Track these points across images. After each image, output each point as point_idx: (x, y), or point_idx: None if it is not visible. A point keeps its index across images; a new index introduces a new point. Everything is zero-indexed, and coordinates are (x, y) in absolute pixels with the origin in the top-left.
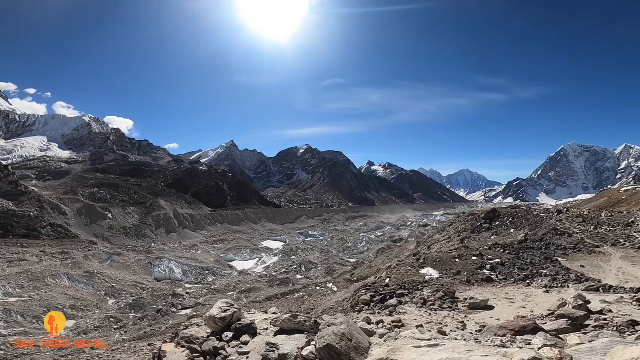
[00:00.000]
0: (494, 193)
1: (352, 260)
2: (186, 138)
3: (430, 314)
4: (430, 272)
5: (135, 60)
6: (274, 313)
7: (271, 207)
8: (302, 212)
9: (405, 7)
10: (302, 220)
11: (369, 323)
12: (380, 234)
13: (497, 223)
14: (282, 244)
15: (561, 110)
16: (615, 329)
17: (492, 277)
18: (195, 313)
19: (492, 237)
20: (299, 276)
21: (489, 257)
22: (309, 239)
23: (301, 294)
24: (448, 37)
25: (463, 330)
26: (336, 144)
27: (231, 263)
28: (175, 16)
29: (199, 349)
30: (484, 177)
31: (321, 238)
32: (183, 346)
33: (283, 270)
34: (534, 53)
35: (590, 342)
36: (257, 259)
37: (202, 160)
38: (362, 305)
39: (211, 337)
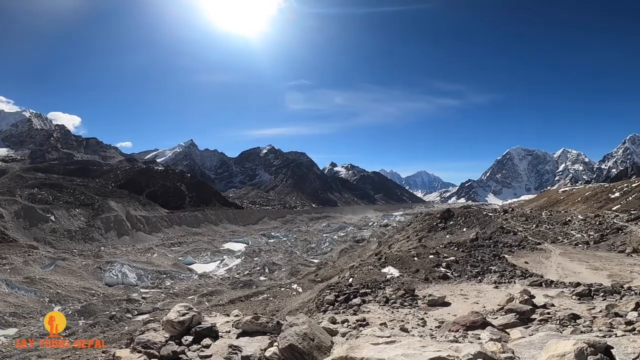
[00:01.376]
0: (448, 194)
1: (315, 260)
2: (141, 136)
3: (392, 312)
4: (391, 271)
5: (85, 55)
6: (236, 315)
7: (233, 208)
8: (264, 213)
9: (371, 9)
10: (264, 221)
11: (334, 323)
12: (343, 234)
13: (451, 222)
14: (245, 245)
15: (508, 115)
16: (558, 322)
17: (448, 274)
18: (151, 318)
19: (447, 236)
20: (262, 278)
21: (445, 255)
22: (272, 240)
23: (265, 295)
24: (410, 42)
25: (424, 326)
26: (300, 144)
27: (191, 266)
28: (131, 9)
29: (156, 353)
30: (440, 179)
31: (284, 239)
32: (139, 351)
33: (246, 272)
34: (487, 60)
35: (530, 335)
36: (219, 261)
37: (158, 160)
38: (327, 305)
39: (170, 342)
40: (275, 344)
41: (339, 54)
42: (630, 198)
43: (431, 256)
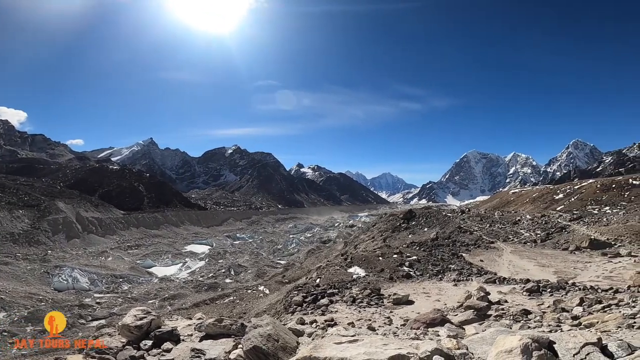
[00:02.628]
0: (411, 195)
1: (282, 262)
2: (94, 134)
3: (359, 311)
4: (357, 271)
5: (33, 47)
6: (199, 319)
7: (195, 209)
8: (229, 214)
9: (343, 7)
10: (229, 222)
11: (303, 323)
12: (310, 235)
13: (413, 223)
14: (209, 247)
15: (466, 119)
16: (512, 318)
17: (411, 273)
18: (106, 323)
19: (410, 236)
20: (228, 280)
21: (407, 254)
22: (237, 242)
23: (232, 298)
24: (379, 44)
25: (390, 325)
26: (266, 145)
27: (150, 269)
28: (91, 2)
29: (112, 359)
30: (403, 180)
31: (250, 240)
32: (93, 357)
33: (210, 274)
34: (447, 65)
35: (482, 331)
36: (181, 264)
37: (114, 159)
38: (295, 307)
39: (127, 347)
40: (240, 346)
41: (307, 56)
42: (572, 199)
43: (395, 256)
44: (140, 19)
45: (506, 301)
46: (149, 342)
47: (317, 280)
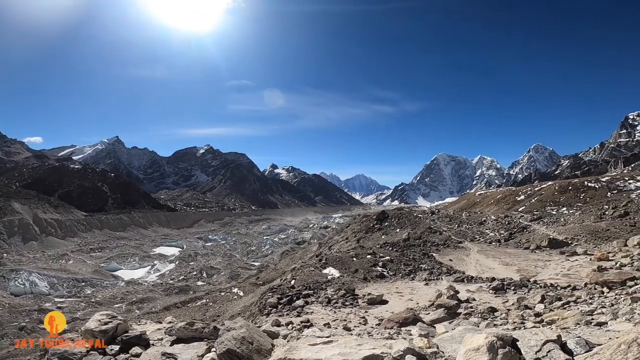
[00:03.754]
0: (384, 196)
1: (256, 263)
2: (54, 132)
3: (335, 312)
4: (332, 272)
5: None
6: (170, 322)
7: (164, 210)
8: (200, 216)
9: (319, 7)
10: (201, 224)
11: (279, 325)
12: (284, 236)
13: (386, 224)
14: (179, 249)
15: (436, 123)
16: (480, 315)
17: (384, 273)
18: (68, 328)
19: (383, 237)
20: (200, 283)
21: (381, 255)
22: (209, 244)
23: (204, 301)
24: (353, 47)
25: (365, 324)
26: (240, 145)
27: (115, 273)
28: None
29: None
30: (376, 182)
31: (223, 242)
32: None
33: (181, 277)
34: (419, 70)
35: (452, 330)
36: (149, 266)
37: (75, 158)
38: (270, 308)
39: (92, 352)
40: (213, 349)
41: (283, 56)
42: (533, 200)
43: (369, 256)
44: (108, 13)
45: (474, 299)
46: (116, 347)
47: (292, 282)
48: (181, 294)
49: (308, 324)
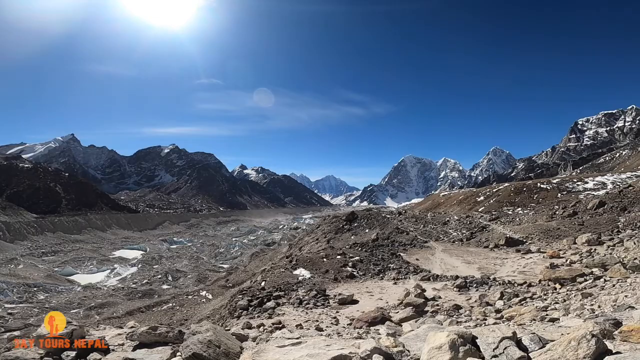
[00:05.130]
0: (353, 197)
1: (225, 265)
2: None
3: (307, 313)
4: (302, 273)
5: None
6: (131, 327)
7: (125, 212)
8: (165, 217)
9: (291, 7)
10: (165, 226)
11: (250, 327)
12: (253, 237)
13: (355, 224)
14: (141, 252)
15: (403, 125)
16: (445, 313)
17: (354, 273)
18: (20, 334)
19: (352, 237)
20: (165, 286)
21: (351, 255)
22: (174, 246)
23: (170, 304)
24: (324, 48)
25: (337, 325)
26: (207, 145)
27: (71, 277)
28: None
29: None
30: (346, 183)
31: (189, 244)
32: None
33: (145, 281)
34: (388, 73)
35: (417, 328)
36: (109, 270)
37: (25, 156)
38: (240, 311)
39: (46, 358)
40: (179, 354)
41: (253, 56)
42: (491, 201)
43: (339, 257)
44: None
45: (440, 297)
46: (72, 353)
47: (263, 283)
48: (145, 298)
49: (280, 325)
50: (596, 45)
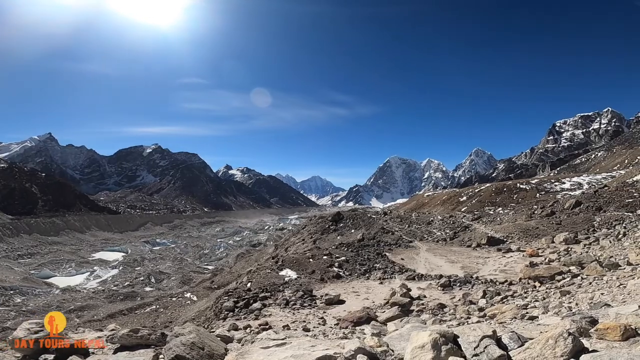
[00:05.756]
0: (339, 197)
1: (210, 267)
2: None
3: (294, 313)
4: (289, 273)
5: None
6: (112, 330)
7: (104, 213)
8: (147, 219)
9: (276, 7)
10: (147, 227)
11: (236, 329)
12: (239, 238)
13: (341, 224)
14: (122, 254)
15: (388, 126)
16: (430, 312)
17: (341, 273)
18: None
19: (338, 237)
20: (148, 288)
21: (337, 255)
22: (157, 248)
23: (154, 307)
24: (309, 49)
25: (324, 325)
26: (191, 145)
27: (49, 280)
28: None
29: None
30: (331, 184)
31: (172, 246)
32: None
33: (127, 283)
34: (371, 75)
35: (401, 328)
36: (88, 273)
37: (0, 156)
38: (226, 312)
39: None
40: (161, 356)
41: (239, 56)
42: (473, 201)
43: (325, 257)
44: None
45: (425, 296)
46: (50, 357)
47: (249, 285)
48: (127, 301)
49: (267, 326)
50: (577, 47)
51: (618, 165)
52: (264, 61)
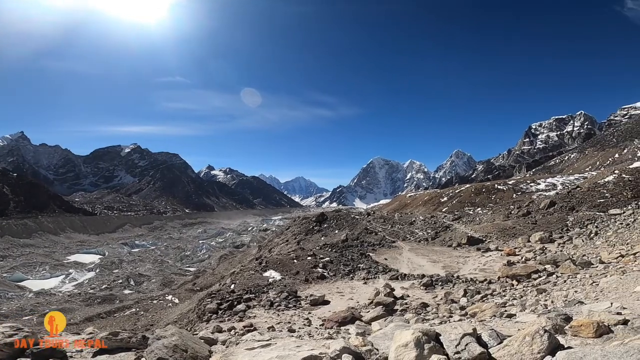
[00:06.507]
0: (322, 198)
1: (192, 269)
2: None
3: (278, 315)
4: (273, 275)
5: None
6: (90, 333)
7: (80, 214)
8: (125, 220)
9: (260, 6)
10: (125, 228)
11: (220, 331)
12: (222, 240)
13: (325, 225)
14: (99, 256)
15: (372, 127)
16: (414, 311)
17: (325, 274)
18: None
19: (322, 238)
20: (127, 291)
21: (321, 256)
22: (136, 250)
23: (134, 310)
24: (294, 50)
25: (309, 326)
26: (172, 145)
27: (21, 283)
28: None
29: None
30: (315, 184)
31: (152, 248)
32: None
33: (104, 286)
34: (354, 77)
35: (385, 327)
36: (63, 275)
37: None
38: (209, 314)
39: None
40: (143, 359)
41: (221, 56)
42: (454, 202)
43: (309, 258)
44: None
45: (408, 296)
46: None
47: (232, 286)
48: (105, 304)
49: (251, 328)
50: (553, 50)
51: (590, 167)
52: (247, 61)
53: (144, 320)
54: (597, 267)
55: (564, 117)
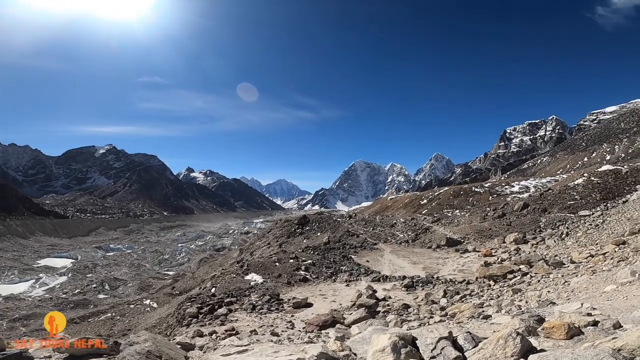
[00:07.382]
0: (305, 201)
1: (171, 272)
2: None
3: (261, 318)
4: (254, 278)
5: None
6: (60, 339)
7: (51, 217)
8: (99, 223)
9: (241, 6)
10: (99, 232)
11: (201, 336)
12: (202, 243)
13: (307, 228)
14: (72, 260)
15: (353, 130)
16: (396, 312)
17: (307, 276)
18: None
19: (305, 241)
20: (102, 296)
21: (303, 258)
22: (111, 254)
23: (109, 315)
24: (276, 51)
25: (292, 329)
26: (150, 147)
27: None
28: None
29: None
30: (297, 187)
31: (129, 251)
32: None
33: (77, 290)
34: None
35: (364, 331)
36: (33, 280)
37: None
38: (189, 319)
39: None
40: None
41: (201, 56)
42: (433, 204)
43: (291, 260)
44: None
45: (390, 297)
46: None
47: (213, 290)
48: (78, 309)
49: (233, 332)
50: (528, 53)
51: (561, 170)
52: (228, 61)
53: (120, 325)
54: (568, 267)
55: (537, 121)
